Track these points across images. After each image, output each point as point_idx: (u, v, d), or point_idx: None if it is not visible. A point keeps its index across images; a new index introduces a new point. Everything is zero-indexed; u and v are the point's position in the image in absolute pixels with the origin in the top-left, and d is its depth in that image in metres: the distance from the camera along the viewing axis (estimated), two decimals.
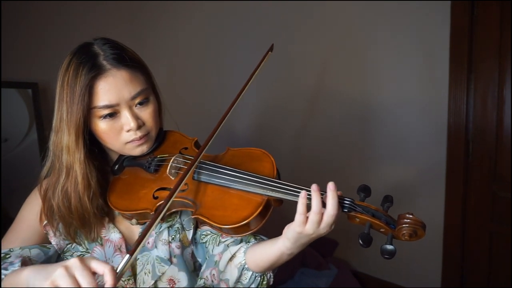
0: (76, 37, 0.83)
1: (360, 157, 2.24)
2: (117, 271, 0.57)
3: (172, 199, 0.74)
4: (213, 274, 0.80)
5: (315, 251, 2.21)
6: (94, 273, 0.56)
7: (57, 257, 0.85)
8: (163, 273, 0.83)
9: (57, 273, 0.54)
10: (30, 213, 0.81)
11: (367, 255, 2.30)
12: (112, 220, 0.85)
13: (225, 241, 0.83)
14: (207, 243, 0.86)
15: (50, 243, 0.83)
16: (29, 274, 0.60)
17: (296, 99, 2.44)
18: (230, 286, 0.77)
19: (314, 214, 0.63)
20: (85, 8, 2.20)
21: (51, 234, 0.82)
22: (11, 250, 0.77)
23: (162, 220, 0.79)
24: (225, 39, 2.64)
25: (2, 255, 0.75)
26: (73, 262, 0.55)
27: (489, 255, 1.91)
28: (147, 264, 0.83)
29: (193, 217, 0.73)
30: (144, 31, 2.53)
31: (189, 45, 2.70)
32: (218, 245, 0.83)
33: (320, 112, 2.36)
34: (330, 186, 0.64)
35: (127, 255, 0.59)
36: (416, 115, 2.01)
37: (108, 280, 0.54)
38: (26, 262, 0.74)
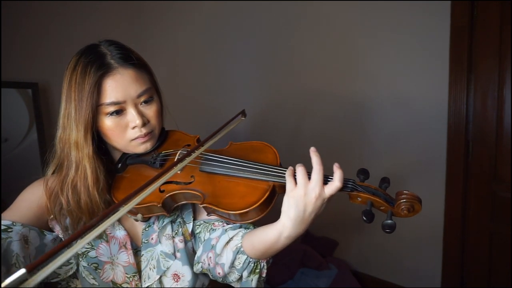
0: (76, 38, 0.84)
1: (359, 157, 2.24)
2: None
3: (182, 191, 0.76)
4: (210, 257, 0.81)
5: (315, 251, 2.22)
6: None
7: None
8: (167, 268, 0.84)
9: None
10: (33, 196, 0.81)
11: (367, 255, 2.30)
12: None
13: (219, 227, 0.84)
14: (200, 233, 0.87)
15: (48, 229, 0.81)
16: None
17: (296, 98, 2.45)
18: (225, 271, 0.78)
19: (299, 171, 0.68)
20: (85, 8, 2.20)
21: (57, 228, 0.81)
22: (14, 224, 0.74)
23: (168, 213, 0.80)
24: (225, 39, 2.64)
25: (3, 227, 0.72)
26: None
27: (489, 255, 1.91)
28: (152, 259, 0.84)
29: (201, 206, 0.75)
30: (144, 31, 2.53)
31: (189, 45, 2.70)
32: (210, 231, 0.85)
33: (320, 111, 2.36)
34: (312, 148, 0.71)
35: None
36: (416, 115, 2.01)
37: None
38: (23, 242, 0.72)
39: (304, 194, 0.66)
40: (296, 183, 0.68)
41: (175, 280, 0.84)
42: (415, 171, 2.05)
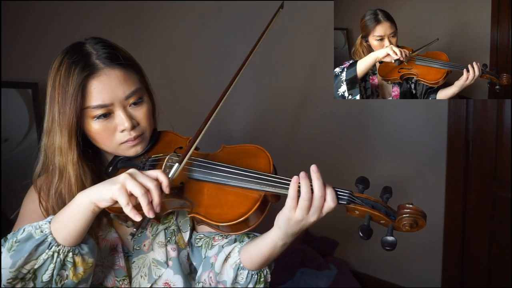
0: (76, 37, 0.83)
1: (358, 157, 2.23)
2: (169, 175, 0.67)
3: (169, 198, 0.73)
4: (210, 277, 0.80)
5: (315, 251, 2.21)
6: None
7: None
8: (159, 276, 0.81)
9: (122, 178, 0.62)
10: (31, 208, 0.80)
11: (367, 255, 2.30)
12: (110, 221, 0.84)
13: (218, 243, 0.82)
14: (201, 247, 0.85)
15: None
16: (90, 190, 0.65)
17: (294, 99, 2.44)
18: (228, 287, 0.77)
19: (303, 200, 0.64)
20: (85, 8, 2.20)
21: None
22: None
23: (159, 221, 0.79)
24: (223, 39, 2.64)
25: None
26: (132, 171, 0.64)
27: (489, 255, 1.91)
28: (143, 267, 0.82)
29: (189, 216, 0.72)
30: (143, 31, 2.53)
31: (188, 45, 2.70)
32: (211, 248, 0.82)
33: (320, 112, 2.36)
34: (313, 168, 0.64)
35: (177, 164, 0.70)
36: (416, 115, 2.01)
37: (163, 180, 0.65)
38: None
39: (303, 219, 0.65)
40: (297, 203, 0.65)
41: None
42: (415, 171, 2.04)
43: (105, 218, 0.82)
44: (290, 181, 0.67)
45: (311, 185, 0.64)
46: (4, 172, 1.79)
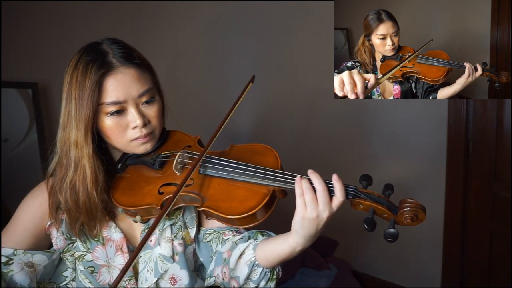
0: (76, 38, 0.83)
1: (359, 157, 2.24)
2: None
3: (179, 193, 0.74)
4: (224, 272, 0.81)
5: (315, 251, 2.21)
6: None
7: (59, 260, 0.85)
8: (165, 271, 0.83)
9: None
10: (26, 215, 0.82)
11: (367, 255, 2.30)
12: (113, 218, 0.85)
13: (229, 238, 0.83)
14: (211, 242, 0.86)
15: (46, 243, 0.83)
16: None
17: (297, 98, 2.45)
18: (241, 283, 0.78)
19: (306, 193, 0.68)
20: (85, 8, 2.20)
21: (53, 234, 0.82)
22: (15, 253, 0.77)
23: (167, 215, 0.79)
24: (226, 38, 2.64)
25: (5, 259, 0.76)
26: None
27: (489, 255, 1.91)
28: (150, 262, 0.83)
29: (200, 209, 0.74)
30: (144, 31, 2.53)
31: (190, 45, 2.71)
32: (221, 243, 0.84)
33: (321, 110, 2.36)
34: (310, 171, 0.70)
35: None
36: (416, 115, 2.01)
37: None
38: (26, 269, 0.76)
39: (316, 216, 0.68)
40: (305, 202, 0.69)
41: (172, 283, 0.83)
42: (415, 171, 2.05)
43: (107, 216, 0.83)
44: (296, 176, 0.71)
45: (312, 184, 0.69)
46: (4, 172, 1.79)
